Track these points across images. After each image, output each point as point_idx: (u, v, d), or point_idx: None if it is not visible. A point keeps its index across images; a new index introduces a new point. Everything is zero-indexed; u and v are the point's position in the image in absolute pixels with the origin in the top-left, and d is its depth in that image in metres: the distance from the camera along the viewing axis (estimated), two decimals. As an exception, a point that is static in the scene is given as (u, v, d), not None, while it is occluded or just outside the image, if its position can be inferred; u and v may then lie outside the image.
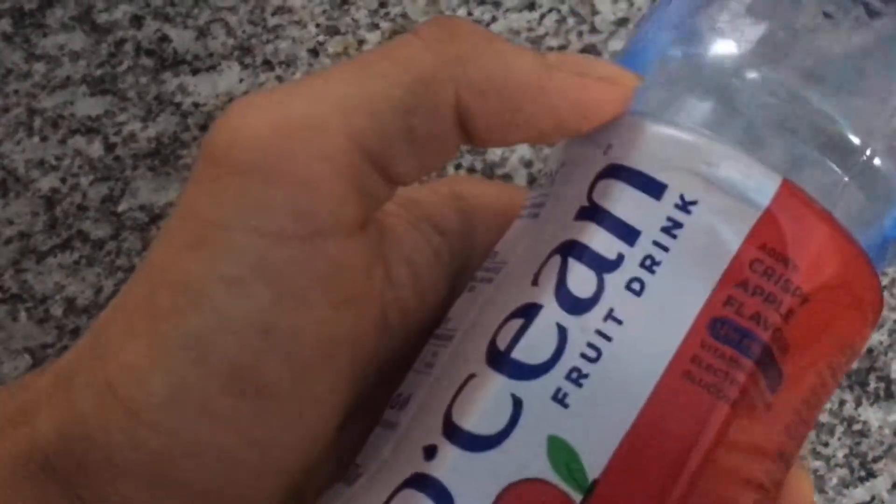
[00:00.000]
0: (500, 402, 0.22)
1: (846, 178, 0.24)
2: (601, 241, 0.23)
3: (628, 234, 0.23)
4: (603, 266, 0.23)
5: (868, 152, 0.24)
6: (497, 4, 0.47)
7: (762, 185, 0.23)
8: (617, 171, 0.24)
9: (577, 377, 0.23)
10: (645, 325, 0.23)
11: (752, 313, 0.23)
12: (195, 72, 0.47)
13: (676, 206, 0.23)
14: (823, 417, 0.42)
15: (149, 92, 0.46)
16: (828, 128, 0.24)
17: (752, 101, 0.24)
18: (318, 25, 0.47)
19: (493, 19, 0.47)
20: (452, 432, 0.23)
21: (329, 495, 0.24)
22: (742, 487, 0.24)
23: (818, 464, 0.41)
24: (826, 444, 0.42)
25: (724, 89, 0.24)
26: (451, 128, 0.24)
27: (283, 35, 0.47)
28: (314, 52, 0.47)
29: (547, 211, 0.24)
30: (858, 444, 0.42)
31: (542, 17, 0.47)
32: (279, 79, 0.46)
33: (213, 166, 0.23)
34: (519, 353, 0.23)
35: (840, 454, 0.42)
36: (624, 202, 0.23)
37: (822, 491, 0.41)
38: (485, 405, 0.22)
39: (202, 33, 0.47)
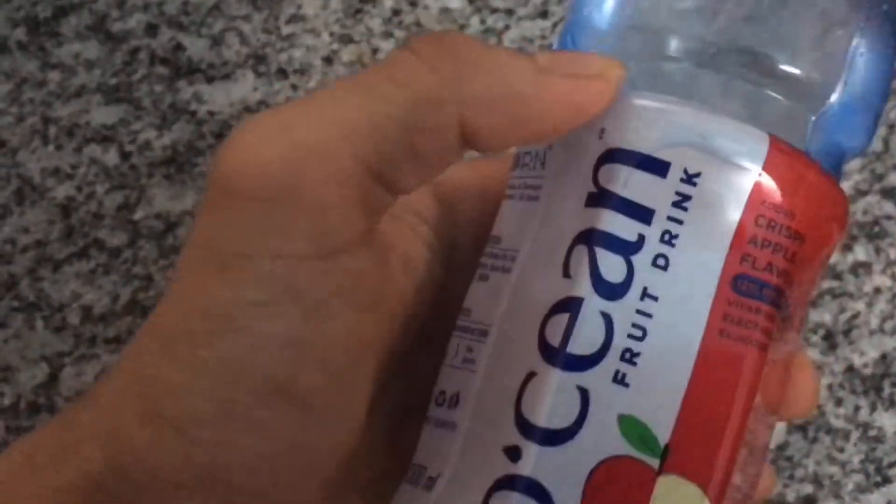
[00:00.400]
0: (568, 395, 0.24)
1: (812, 118, 0.26)
2: (621, 225, 0.25)
3: (644, 215, 0.25)
4: (628, 249, 0.25)
5: (826, 91, 0.26)
6: (510, 13, 0.47)
7: (755, 147, 0.25)
8: (618, 155, 0.25)
9: (630, 357, 0.24)
10: (677, 295, 0.25)
11: (765, 264, 0.25)
12: (210, 80, 0.47)
13: (682, 180, 0.25)
14: (839, 423, 0.42)
15: (164, 100, 0.47)
16: (792, 78, 0.26)
17: (698, 58, 0.26)
18: (332, 34, 0.47)
19: (506, 27, 0.47)
20: (530, 431, 0.24)
21: (402, 500, 0.26)
22: (773, 404, 0.26)
23: (834, 469, 0.42)
24: (842, 450, 0.42)
25: (687, 53, 0.26)
26: (454, 142, 0.25)
27: (298, 43, 0.47)
28: (328, 61, 0.47)
29: (548, 196, 0.26)
30: (874, 449, 0.42)
31: (555, 25, 0.47)
32: (294, 87, 0.47)
33: (226, 196, 0.24)
34: (574, 347, 0.24)
35: (856, 460, 0.42)
36: (633, 185, 0.25)
37: (837, 496, 0.42)
38: (555, 401, 0.24)
39: (216, 42, 0.47)
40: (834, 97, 0.26)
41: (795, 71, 0.26)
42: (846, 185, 0.44)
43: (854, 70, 0.26)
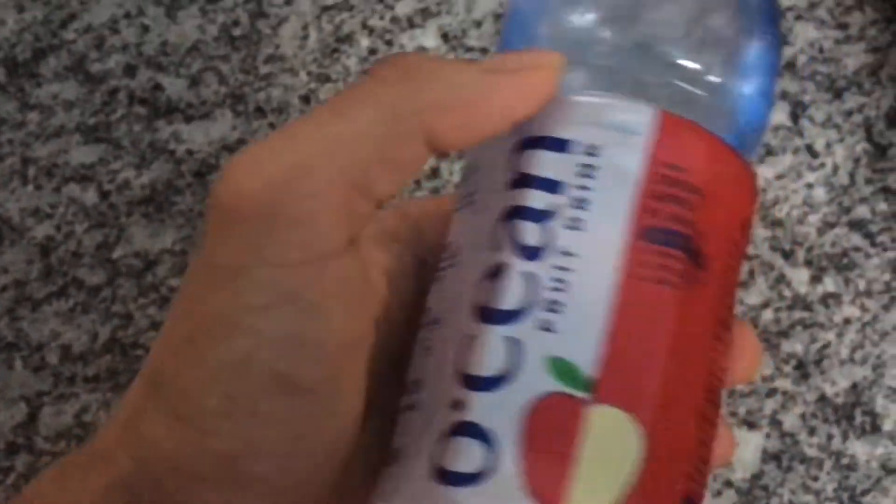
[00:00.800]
0: (501, 345, 0.28)
1: (705, 95, 0.30)
2: (535, 198, 0.28)
3: (554, 187, 0.28)
4: (544, 217, 0.28)
5: (709, 75, 0.30)
6: (484, 51, 0.48)
7: (644, 118, 0.29)
8: (531, 142, 0.29)
9: (553, 307, 0.28)
10: (593, 249, 0.28)
11: (668, 215, 0.29)
12: (188, 119, 0.47)
13: (586, 153, 0.29)
14: (812, 452, 0.43)
15: (142, 140, 0.47)
16: (679, 65, 0.29)
17: (613, 58, 0.30)
18: (309, 73, 0.48)
19: (481, 66, 0.48)
20: (470, 382, 0.27)
21: (381, 481, 0.28)
22: (708, 347, 0.29)
23: (808, 498, 0.42)
24: (815, 479, 0.42)
25: (588, 54, 0.30)
26: (421, 148, 0.28)
27: (275, 83, 0.48)
28: (306, 100, 0.47)
29: (479, 193, 0.30)
30: (847, 477, 0.42)
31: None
32: (272, 126, 0.47)
33: (224, 218, 0.27)
34: (502, 304, 0.28)
35: (829, 488, 0.42)
36: (543, 163, 0.29)
37: (812, 524, 0.42)
38: (490, 351, 0.28)
39: (195, 81, 0.48)
40: (733, 84, 0.30)
41: (691, 63, 0.29)
42: (814, 218, 0.45)
43: (747, 60, 0.30)
